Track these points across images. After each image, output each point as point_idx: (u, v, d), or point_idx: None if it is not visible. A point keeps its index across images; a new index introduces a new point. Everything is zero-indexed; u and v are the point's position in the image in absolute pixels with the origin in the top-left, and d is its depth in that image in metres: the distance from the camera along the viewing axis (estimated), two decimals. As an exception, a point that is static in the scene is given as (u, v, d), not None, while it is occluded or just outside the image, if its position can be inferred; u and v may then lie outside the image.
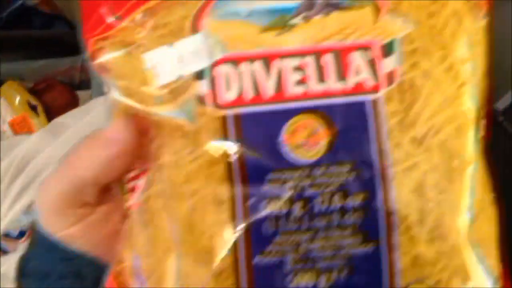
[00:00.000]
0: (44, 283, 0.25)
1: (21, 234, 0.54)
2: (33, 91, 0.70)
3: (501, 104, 0.74)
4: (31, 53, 0.71)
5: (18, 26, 0.78)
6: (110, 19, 0.22)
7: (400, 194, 0.21)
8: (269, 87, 0.21)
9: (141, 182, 0.23)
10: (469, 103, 0.22)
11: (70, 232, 0.24)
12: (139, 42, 0.22)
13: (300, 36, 0.21)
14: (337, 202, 0.21)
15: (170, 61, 0.22)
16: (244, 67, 0.21)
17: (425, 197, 0.21)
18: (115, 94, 0.23)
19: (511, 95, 0.74)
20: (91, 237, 0.25)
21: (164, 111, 0.22)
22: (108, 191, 0.25)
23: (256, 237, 0.21)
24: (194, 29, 0.22)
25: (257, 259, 0.21)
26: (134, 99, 0.23)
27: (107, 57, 0.23)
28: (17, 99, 0.70)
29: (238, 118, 0.21)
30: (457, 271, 0.22)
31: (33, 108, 0.69)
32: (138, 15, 0.22)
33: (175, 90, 0.22)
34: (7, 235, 0.54)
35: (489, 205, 0.23)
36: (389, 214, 0.21)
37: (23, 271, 0.26)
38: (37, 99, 0.72)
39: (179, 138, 0.22)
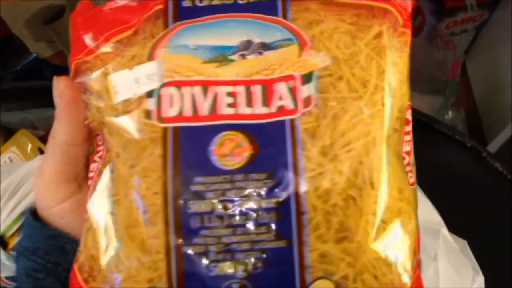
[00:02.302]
0: (32, 258, 0.29)
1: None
2: (44, 139, 0.72)
3: (493, 147, 0.75)
4: (42, 102, 0.74)
5: (31, 77, 0.81)
6: (91, 46, 0.27)
7: (308, 198, 0.24)
8: (205, 107, 0.25)
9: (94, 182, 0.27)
10: (386, 121, 0.25)
11: (62, 207, 0.28)
12: (109, 66, 0.27)
13: (235, 70, 0.26)
14: (253, 205, 0.24)
15: (128, 82, 0.26)
16: (185, 90, 0.25)
17: (331, 202, 0.24)
18: (93, 108, 0.27)
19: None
20: (77, 215, 0.29)
21: (121, 121, 0.26)
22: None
23: (186, 231, 0.24)
24: (150, 58, 0.26)
25: (186, 250, 0.24)
26: (104, 112, 0.27)
27: (87, 78, 0.27)
28: (29, 147, 0.72)
29: (176, 130, 0.25)
30: (365, 268, 0.24)
31: (44, 155, 0.71)
32: (111, 44, 0.27)
33: (130, 105, 0.26)
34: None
35: (404, 213, 0.25)
36: (299, 215, 0.24)
37: (17, 252, 0.30)
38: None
39: (129, 145, 0.26)
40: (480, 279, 0.42)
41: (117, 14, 0.27)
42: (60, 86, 0.27)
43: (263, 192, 0.24)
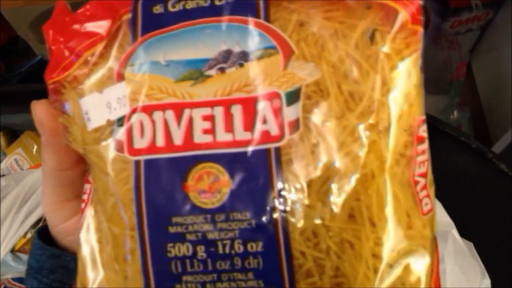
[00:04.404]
0: (37, 277, 0.29)
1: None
2: (49, 140, 0.73)
3: (498, 147, 0.75)
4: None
5: (36, 79, 0.82)
6: (63, 63, 0.24)
7: (294, 243, 0.20)
8: (178, 135, 0.21)
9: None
10: (387, 148, 0.21)
11: (68, 224, 0.28)
12: (82, 87, 0.24)
13: (213, 87, 0.22)
14: (237, 248, 0.21)
15: (100, 107, 0.23)
16: (156, 116, 0.22)
17: (322, 246, 0.20)
18: (74, 131, 0.24)
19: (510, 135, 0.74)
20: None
21: (94, 152, 0.23)
22: None
23: (165, 277, 0.21)
24: (119, 77, 0.23)
25: None
26: (81, 139, 0.24)
27: (63, 99, 0.25)
28: (34, 148, 0.72)
29: (148, 164, 0.22)
30: None
31: (49, 156, 0.72)
32: (83, 61, 0.24)
33: (102, 134, 0.23)
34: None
35: (416, 250, 0.22)
36: (287, 260, 0.20)
37: (26, 271, 0.30)
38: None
39: (103, 177, 0.23)
40: (487, 282, 0.42)
41: (89, 23, 0.24)
42: (37, 114, 0.25)
43: (246, 233, 0.21)
